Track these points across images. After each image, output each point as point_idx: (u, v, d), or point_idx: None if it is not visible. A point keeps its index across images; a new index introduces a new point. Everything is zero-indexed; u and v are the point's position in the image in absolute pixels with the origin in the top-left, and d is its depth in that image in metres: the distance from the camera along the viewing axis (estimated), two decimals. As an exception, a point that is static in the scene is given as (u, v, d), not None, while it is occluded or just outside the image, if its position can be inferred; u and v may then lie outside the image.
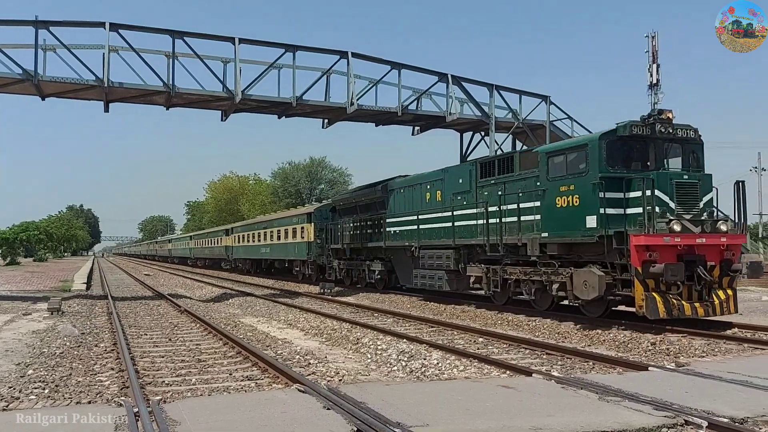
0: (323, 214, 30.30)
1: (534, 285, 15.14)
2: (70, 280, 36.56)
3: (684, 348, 10.78)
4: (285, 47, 22.70)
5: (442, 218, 18.84)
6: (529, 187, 14.98)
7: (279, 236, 35.92)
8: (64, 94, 22.59)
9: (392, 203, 22.51)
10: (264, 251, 39.63)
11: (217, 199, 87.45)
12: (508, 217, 15.67)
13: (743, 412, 6.03)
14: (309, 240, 30.65)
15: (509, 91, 26.53)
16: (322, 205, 31.97)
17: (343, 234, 26.47)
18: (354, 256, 25.95)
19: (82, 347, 11.71)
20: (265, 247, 38.99)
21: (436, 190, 19.46)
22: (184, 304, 20.04)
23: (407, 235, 20.96)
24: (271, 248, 37.92)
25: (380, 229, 23.05)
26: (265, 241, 38.79)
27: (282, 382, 8.38)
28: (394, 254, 22.65)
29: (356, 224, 25.24)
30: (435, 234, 19.25)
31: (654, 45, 40.69)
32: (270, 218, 40.19)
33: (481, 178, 17.13)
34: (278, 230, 36.08)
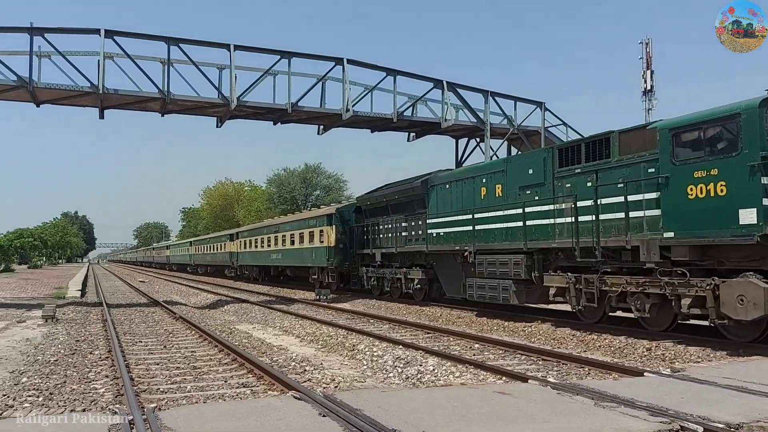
0: (346, 215, 27.06)
1: (649, 299, 12.00)
2: (64, 287, 36.42)
3: (679, 353, 10.79)
4: (280, 54, 22.75)
5: (505, 217, 15.92)
6: (638, 175, 12.07)
7: (293, 241, 32.67)
8: (59, 100, 22.58)
9: (434, 201, 19.49)
10: (275, 257, 36.40)
11: (213, 205, 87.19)
12: (606, 214, 12.69)
13: (739, 418, 6.03)
14: (330, 244, 27.31)
15: (504, 98, 26.64)
16: (344, 206, 28.83)
17: (372, 237, 23.77)
18: (386, 262, 22.99)
19: (76, 355, 11.66)
20: (276, 253, 35.85)
21: (495, 184, 16.46)
22: (179, 311, 20.00)
23: (457, 237, 17.90)
24: (283, 254, 34.83)
25: (419, 231, 20.39)
26: (276, 246, 35.73)
27: (277, 389, 8.35)
28: (437, 260, 19.74)
29: (388, 226, 22.58)
30: (495, 236, 16.26)
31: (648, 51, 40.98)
32: (282, 221, 37.12)
33: (561, 167, 14.15)
34: (292, 234, 32.92)
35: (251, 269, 42.52)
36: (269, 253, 37.11)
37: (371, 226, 23.92)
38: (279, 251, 35.33)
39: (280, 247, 34.93)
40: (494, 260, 16.11)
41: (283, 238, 34.48)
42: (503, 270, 15.71)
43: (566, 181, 14.03)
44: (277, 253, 35.74)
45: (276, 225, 37.06)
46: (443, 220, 18.83)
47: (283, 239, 34.50)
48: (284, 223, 35.45)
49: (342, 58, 23.36)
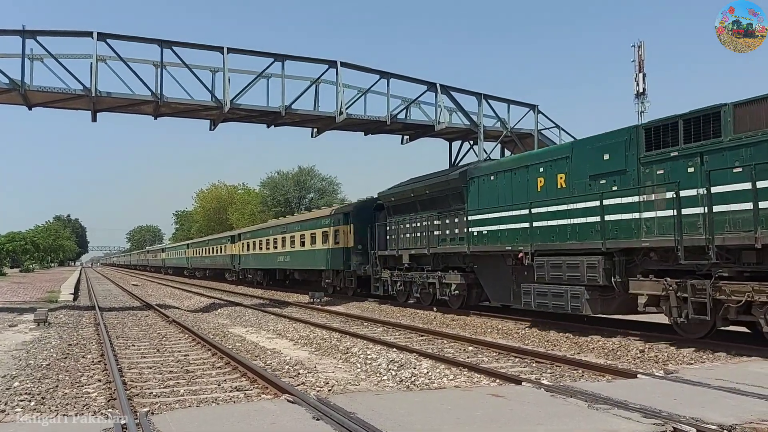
0: (365, 213, 24.70)
1: None
2: (57, 290, 36.24)
3: (672, 355, 10.83)
4: (274, 56, 22.72)
5: (571, 212, 13.62)
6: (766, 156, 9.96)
7: (303, 242, 30.46)
8: (51, 103, 22.48)
9: (475, 195, 17.25)
10: (282, 260, 34.00)
11: (206, 208, 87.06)
12: (720, 205, 10.52)
13: (731, 419, 6.05)
14: (347, 245, 25.14)
15: (497, 100, 26.66)
16: (362, 203, 26.38)
17: (397, 237, 21.35)
18: (414, 265, 20.65)
19: (68, 359, 11.60)
20: (284, 256, 33.58)
21: (557, 174, 14.26)
22: (172, 315, 19.92)
23: (509, 236, 15.57)
24: (291, 256, 32.57)
25: (455, 229, 18.07)
26: (284, 248, 33.53)
27: (271, 393, 8.33)
28: (480, 262, 17.37)
29: (417, 224, 20.23)
30: (558, 234, 13.96)
31: (640, 54, 41.23)
32: (291, 221, 34.54)
33: (649, 151, 12.01)
34: (302, 235, 30.63)
35: (255, 273, 40.20)
36: (275, 255, 34.89)
37: (396, 225, 21.45)
38: (287, 253, 33.07)
39: (288, 249, 32.76)
40: (559, 263, 13.68)
41: (291, 239, 32.29)
42: (573, 274, 13.29)
43: (657, 167, 11.84)
44: (284, 255, 33.54)
45: (284, 225, 34.65)
46: (488, 216, 16.52)
47: (291, 240, 32.29)
48: (293, 223, 32.95)
49: (335, 61, 23.35)
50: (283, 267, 34.41)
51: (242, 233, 43.49)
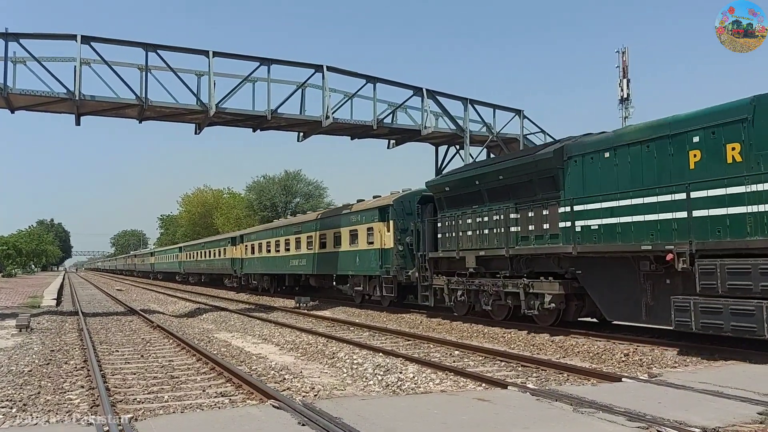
0: (407, 207, 21.14)
1: None
2: (39, 296, 35.83)
3: (656, 359, 10.90)
4: (260, 60, 22.68)
5: (760, 195, 9.92)
6: None
7: (323, 243, 26.48)
8: (34, 107, 22.27)
9: (579, 178, 13.47)
10: (295, 264, 29.84)
11: (191, 212, 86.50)
12: None
13: (715, 422, 6.11)
14: (383, 246, 21.29)
15: (483, 105, 26.78)
16: (404, 195, 21.88)
17: (454, 235, 17.38)
18: (481, 269, 16.46)
19: (51, 365, 11.47)
20: (298, 259, 29.47)
21: (726, 144, 10.50)
22: (156, 320, 19.77)
23: (644, 230, 11.77)
24: (308, 260, 28.20)
25: (547, 223, 14.30)
26: (298, 250, 29.51)
27: (256, 398, 8.29)
28: (588, 266, 13.35)
29: (484, 219, 16.32)
30: (733, 227, 10.29)
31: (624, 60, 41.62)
32: (307, 219, 29.93)
33: None
34: (321, 234, 26.66)
35: (261, 278, 35.87)
36: (287, 259, 30.75)
37: (452, 220, 17.62)
38: (302, 256, 28.93)
39: (304, 251, 28.62)
40: (746, 267, 9.87)
41: (309, 240, 28.10)
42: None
43: None
44: (299, 258, 29.36)
45: (298, 224, 30.39)
46: (602, 206, 12.71)
47: (308, 241, 28.10)
48: (311, 222, 28.57)
49: (322, 66, 23.34)
50: (297, 272, 30.25)
51: (246, 234, 39.18)
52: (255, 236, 36.96)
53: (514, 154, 17.96)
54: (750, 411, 6.53)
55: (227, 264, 41.91)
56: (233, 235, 43.05)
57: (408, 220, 20.83)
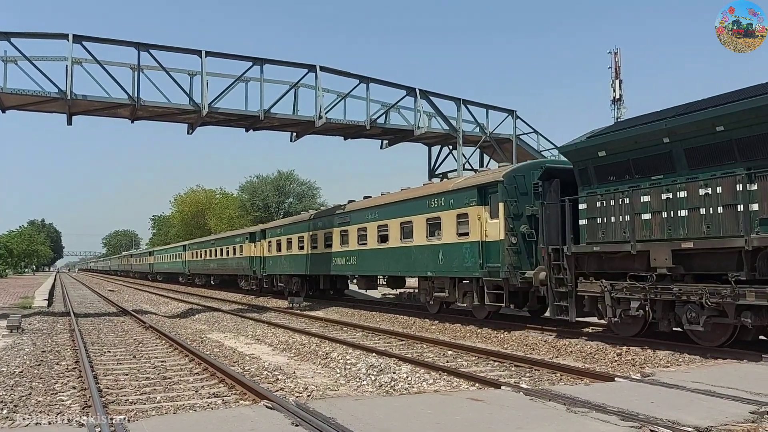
0: (520, 185, 15.58)
1: None
2: (30, 296, 35.63)
3: (649, 358, 10.94)
4: (252, 60, 22.63)
5: None
6: None
7: (383, 236, 20.92)
8: (25, 106, 22.15)
9: None
10: (341, 263, 24.23)
11: (184, 213, 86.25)
12: None
13: (707, 422, 6.13)
14: (488, 238, 15.74)
15: (476, 106, 26.82)
16: (517, 168, 16.24)
17: (624, 220, 12.18)
18: (679, 268, 11.35)
19: (42, 365, 11.40)
20: (346, 257, 23.77)
21: None
22: (149, 321, 19.70)
23: None
24: (360, 258, 22.70)
25: None
26: (344, 246, 23.80)
27: (249, 399, 8.26)
28: None
29: (684, 193, 11.25)
30: None
31: (617, 61, 41.80)
32: (363, 206, 23.33)
33: None
34: (381, 225, 21.05)
35: (288, 280, 30.50)
36: (328, 257, 25.24)
37: (610, 198, 12.56)
38: (351, 254, 23.29)
39: (355, 247, 22.94)
40: None
41: (361, 232, 22.57)
42: None
43: None
44: (347, 256, 23.63)
45: (345, 214, 24.23)
46: None
47: (361, 234, 22.57)
48: (368, 209, 22.46)
49: (315, 65, 23.32)
50: (342, 272, 24.82)
51: (270, 229, 33.96)
52: (282, 231, 31.26)
53: (738, 94, 10.91)
54: (742, 410, 6.55)
55: (244, 263, 36.70)
56: (252, 230, 37.66)
57: (523, 202, 15.40)
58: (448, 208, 17.50)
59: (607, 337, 13.01)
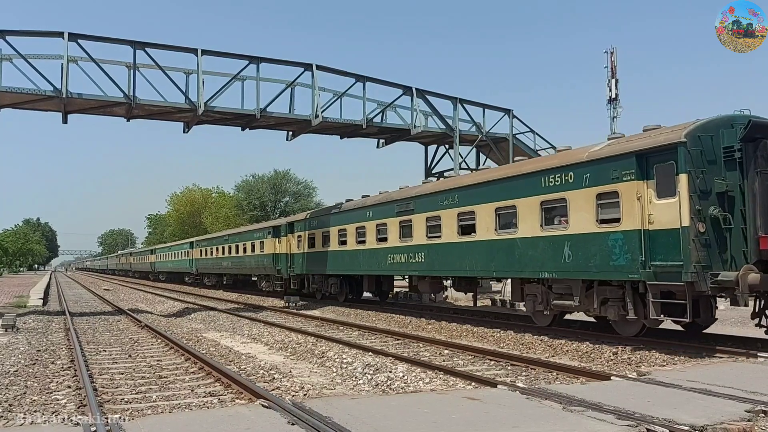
0: (708, 149, 11.35)
1: None
2: (25, 295, 35.51)
3: (645, 357, 10.96)
4: (249, 59, 22.59)
5: None
6: None
7: (470, 227, 16.38)
8: (20, 105, 22.05)
9: None
10: (401, 260, 19.73)
11: (180, 212, 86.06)
12: None
13: (703, 420, 6.14)
14: (654, 226, 11.52)
15: (473, 105, 26.83)
16: (704, 125, 11.47)
17: None
18: None
19: (37, 365, 11.36)
20: (406, 253, 19.38)
21: None
22: (144, 320, 19.65)
23: None
24: (430, 253, 18.19)
25: None
26: (406, 240, 19.39)
27: (246, 398, 8.24)
28: None
29: None
30: None
31: (612, 60, 41.79)
32: (434, 190, 18.66)
33: None
34: (468, 213, 16.51)
35: (324, 281, 26.36)
36: (382, 253, 20.75)
37: None
38: (419, 249, 18.69)
39: (424, 241, 18.40)
40: None
41: (432, 222, 18.05)
42: None
43: None
44: (410, 252, 19.18)
45: (408, 200, 19.60)
46: None
47: (432, 226, 18.06)
48: (442, 193, 17.91)
49: (311, 64, 23.30)
50: (401, 272, 20.74)
51: (300, 221, 28.82)
52: (317, 223, 26.58)
53: None
54: (738, 409, 6.57)
55: (266, 262, 32.28)
56: (276, 223, 32.83)
57: (711, 174, 11.25)
58: (579, 186, 13.16)
59: (603, 336, 13.03)
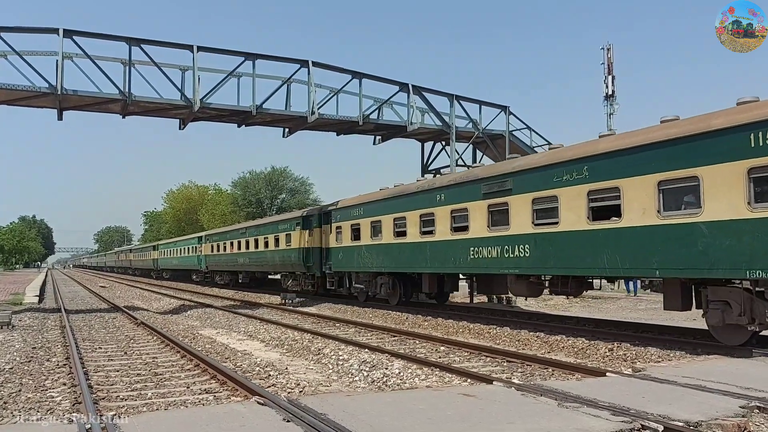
0: None
1: None
2: (21, 293, 35.42)
3: (640, 354, 10.97)
4: (245, 55, 22.55)
5: None
6: None
7: (612, 207, 12.23)
8: (15, 101, 21.97)
9: None
10: (494, 254, 15.16)
11: (176, 209, 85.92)
12: None
13: (697, 416, 6.15)
14: None
15: (469, 101, 26.84)
16: None
17: None
18: None
19: (32, 362, 11.33)
20: (501, 245, 14.95)
21: None
22: (140, 317, 19.60)
23: None
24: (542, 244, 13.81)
25: None
26: (501, 227, 14.96)
27: (241, 395, 8.23)
28: None
29: None
30: None
31: (609, 57, 41.74)
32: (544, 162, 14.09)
33: None
34: (615, 189, 12.01)
35: (371, 281, 21.91)
36: (464, 245, 16.10)
37: None
38: (523, 240, 14.20)
39: (529, 230, 14.03)
40: None
41: (542, 205, 13.82)
42: None
43: None
44: (509, 244, 14.64)
45: (505, 178, 14.97)
46: None
47: (542, 209, 13.84)
48: (559, 165, 13.41)
49: (307, 61, 23.26)
50: (503, 269, 15.07)
51: (340, 209, 23.62)
52: (363, 211, 21.79)
53: None
54: (732, 405, 6.58)
55: (293, 257, 27.69)
56: (306, 213, 27.79)
57: None
58: None
59: (599, 332, 13.06)
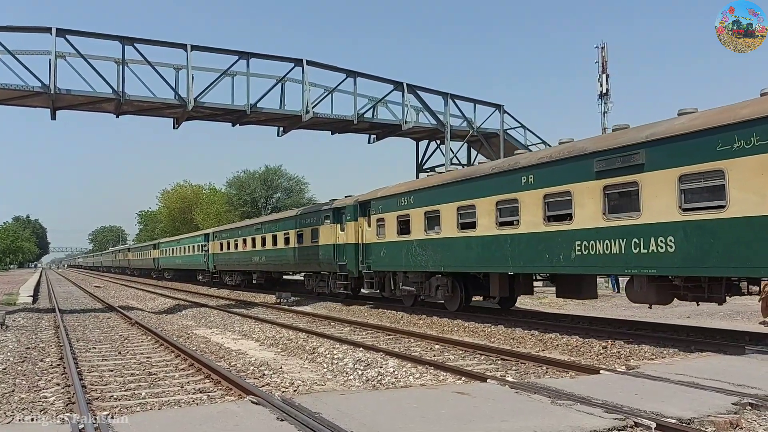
0: None
1: None
2: (15, 293, 35.29)
3: (634, 351, 11.01)
4: (238, 54, 22.50)
5: None
6: None
7: None
8: (8, 101, 21.89)
9: None
10: (616, 250, 11.59)
11: (170, 208, 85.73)
12: None
13: (690, 413, 6.18)
14: None
15: (464, 100, 26.85)
16: None
17: None
18: None
19: (26, 362, 11.30)
20: (652, 237, 10.94)
21: None
22: (135, 317, 19.56)
23: None
24: (725, 232, 9.86)
25: None
26: (631, 214, 11.39)
27: (235, 394, 8.23)
28: None
29: None
30: None
31: (603, 56, 41.80)
32: (688, 130, 10.40)
33: None
34: None
35: (423, 281, 18.47)
36: (566, 238, 12.87)
37: None
38: (666, 230, 10.76)
39: (677, 217, 10.58)
40: None
41: (690, 185, 10.49)
42: None
43: None
44: (640, 236, 11.23)
45: (631, 148, 11.41)
46: None
47: (690, 190, 10.51)
48: (735, 127, 9.65)
49: (301, 59, 23.23)
50: (646, 269, 11.33)
51: (381, 199, 20.40)
52: (414, 199, 18.41)
53: None
54: (725, 402, 6.61)
55: (322, 255, 24.24)
56: (339, 205, 23.30)
57: None
58: None
59: (593, 330, 13.09)
